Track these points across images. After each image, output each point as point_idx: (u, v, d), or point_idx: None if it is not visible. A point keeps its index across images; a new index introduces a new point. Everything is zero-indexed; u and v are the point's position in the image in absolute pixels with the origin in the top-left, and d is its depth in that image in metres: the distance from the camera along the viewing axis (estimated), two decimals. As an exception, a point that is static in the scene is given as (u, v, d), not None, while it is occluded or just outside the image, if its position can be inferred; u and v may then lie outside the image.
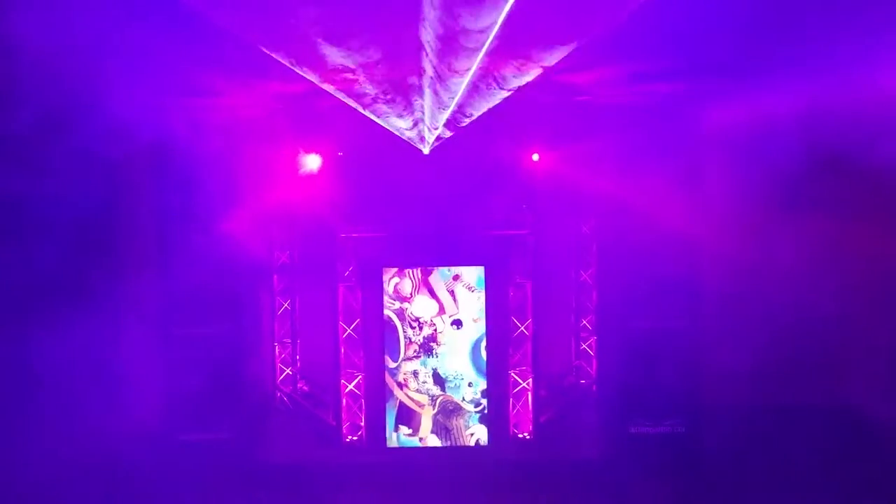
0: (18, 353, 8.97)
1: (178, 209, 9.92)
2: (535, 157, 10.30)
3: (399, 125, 9.13)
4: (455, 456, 10.15)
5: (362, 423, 10.45)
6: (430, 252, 10.29)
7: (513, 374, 10.37)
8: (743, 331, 9.83)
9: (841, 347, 10.08)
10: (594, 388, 11.04)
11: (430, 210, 10.15)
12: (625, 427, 10.22)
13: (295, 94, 9.34)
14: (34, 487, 8.79)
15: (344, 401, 10.44)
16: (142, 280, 9.98)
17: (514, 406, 10.39)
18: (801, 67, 7.49)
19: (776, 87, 8.03)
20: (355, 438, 10.44)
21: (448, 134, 9.70)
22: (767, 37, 7.15)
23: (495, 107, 8.90)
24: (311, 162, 10.30)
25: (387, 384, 9.94)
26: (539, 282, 10.45)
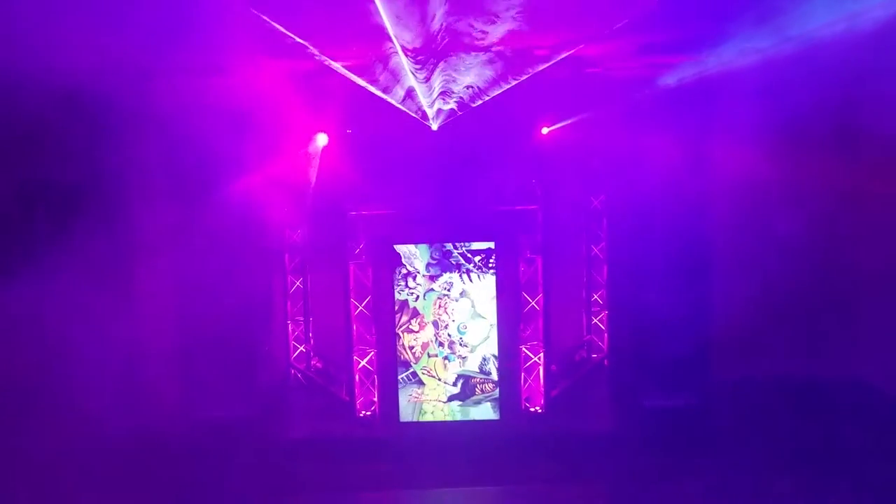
0: (32, 332, 9.07)
1: (191, 190, 9.93)
2: (545, 131, 10.23)
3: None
4: (467, 429, 10.29)
5: (375, 399, 10.57)
6: (439, 228, 10.34)
7: (524, 349, 10.46)
8: (755, 302, 9.77)
9: (856, 320, 10.04)
10: (606, 361, 11.07)
11: (440, 186, 10.14)
12: (636, 400, 10.20)
13: (304, 71, 9.35)
14: (51, 466, 8.94)
15: (357, 377, 10.56)
16: (156, 261, 10.05)
17: (525, 380, 10.48)
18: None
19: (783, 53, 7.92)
20: (368, 413, 10.56)
21: (456, 109, 9.68)
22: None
23: (503, 81, 8.88)
24: (321, 140, 10.29)
25: (398, 358, 10.39)
26: (550, 257, 10.42)
